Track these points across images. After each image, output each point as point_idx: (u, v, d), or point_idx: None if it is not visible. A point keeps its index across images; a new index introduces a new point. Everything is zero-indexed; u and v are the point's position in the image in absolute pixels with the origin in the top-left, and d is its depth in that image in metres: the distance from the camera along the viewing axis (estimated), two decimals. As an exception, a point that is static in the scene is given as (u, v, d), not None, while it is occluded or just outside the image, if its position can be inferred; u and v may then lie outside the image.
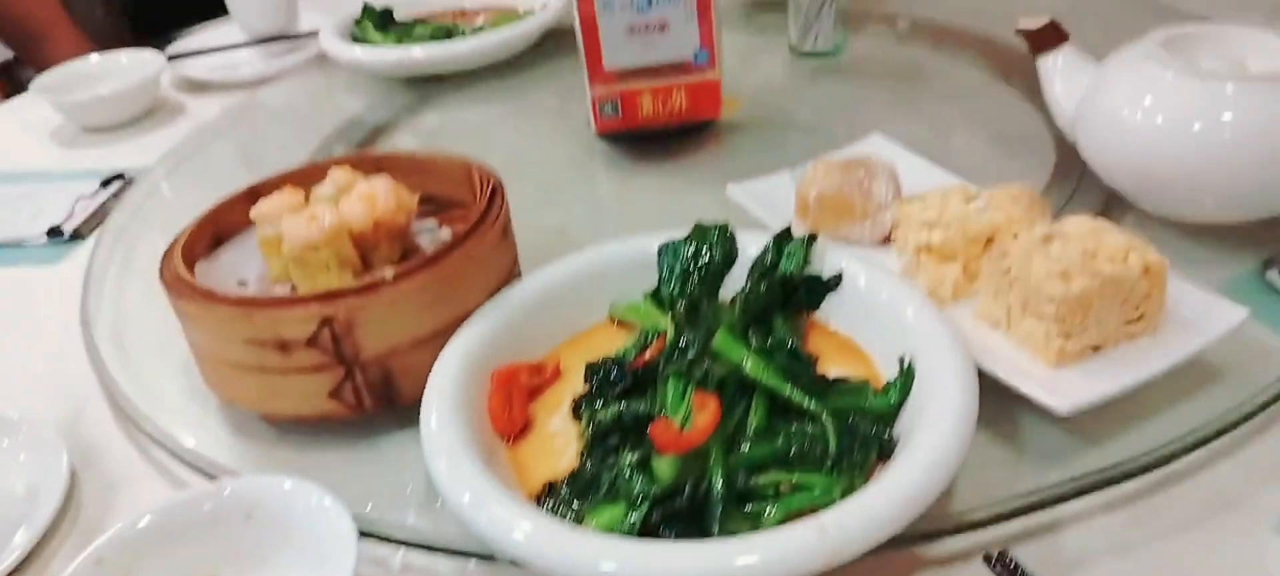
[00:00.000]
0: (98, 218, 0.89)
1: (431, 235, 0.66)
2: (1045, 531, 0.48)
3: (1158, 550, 0.47)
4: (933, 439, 0.45)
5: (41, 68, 1.14)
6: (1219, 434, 0.51)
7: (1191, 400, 0.53)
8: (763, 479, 0.47)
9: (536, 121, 1.01)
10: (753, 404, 0.50)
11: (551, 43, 1.11)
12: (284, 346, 0.55)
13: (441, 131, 1.02)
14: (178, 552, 0.48)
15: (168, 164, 0.97)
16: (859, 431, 0.48)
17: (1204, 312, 0.54)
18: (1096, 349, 0.53)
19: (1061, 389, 0.50)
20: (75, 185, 0.94)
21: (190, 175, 0.95)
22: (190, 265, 0.61)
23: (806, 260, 0.58)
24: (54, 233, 0.87)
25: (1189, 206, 0.65)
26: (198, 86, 1.16)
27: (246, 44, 1.20)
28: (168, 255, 0.61)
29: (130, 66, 1.12)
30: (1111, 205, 0.70)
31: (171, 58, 1.16)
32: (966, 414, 0.46)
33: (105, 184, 0.94)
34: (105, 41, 1.31)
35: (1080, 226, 0.55)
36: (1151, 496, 0.49)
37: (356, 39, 1.10)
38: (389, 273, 0.55)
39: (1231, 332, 0.53)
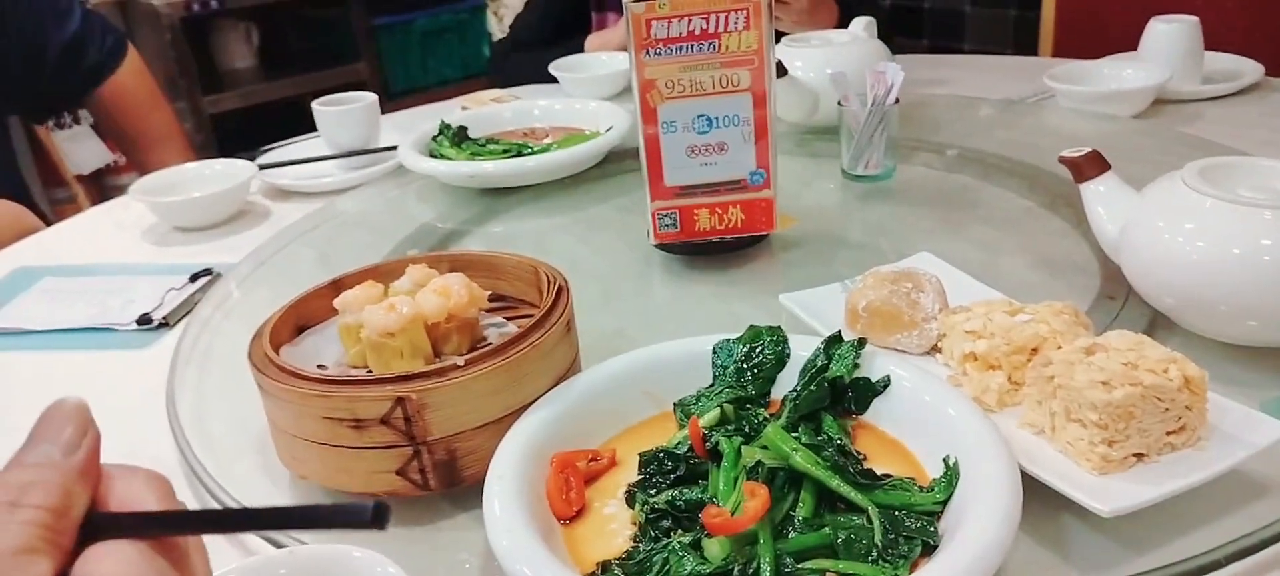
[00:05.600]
0: (186, 308, 0.95)
1: (499, 330, 0.70)
2: (1088, 634, 0.49)
3: (1202, 658, 0.47)
4: (977, 535, 0.46)
5: (145, 172, 1.23)
6: (1262, 546, 0.51)
7: (1234, 513, 0.54)
8: (809, 564, 0.49)
9: (597, 231, 1.07)
10: (801, 495, 0.53)
11: (612, 161, 1.18)
12: (359, 424, 0.58)
13: (508, 239, 1.07)
14: (249, 615, 0.51)
15: (252, 262, 1.03)
16: (904, 525, 0.50)
17: (1245, 428, 0.55)
18: (1139, 457, 0.54)
19: (1105, 493, 0.51)
20: (166, 278, 1.01)
21: (273, 272, 1.01)
22: (276, 348, 0.66)
23: (856, 364, 0.61)
24: (144, 320, 0.93)
25: (1231, 327, 0.66)
26: (283, 193, 1.24)
27: (330, 157, 1.29)
28: (256, 338, 0.66)
29: (223, 173, 1.21)
30: (1156, 327, 0.72)
31: (262, 167, 1.25)
32: (1010, 513, 0.48)
33: (194, 278, 1.00)
34: (202, 154, 1.42)
35: (1121, 340, 0.57)
36: (1195, 605, 0.50)
37: (433, 154, 1.18)
38: (460, 360, 0.59)
39: (1273, 447, 0.54)
